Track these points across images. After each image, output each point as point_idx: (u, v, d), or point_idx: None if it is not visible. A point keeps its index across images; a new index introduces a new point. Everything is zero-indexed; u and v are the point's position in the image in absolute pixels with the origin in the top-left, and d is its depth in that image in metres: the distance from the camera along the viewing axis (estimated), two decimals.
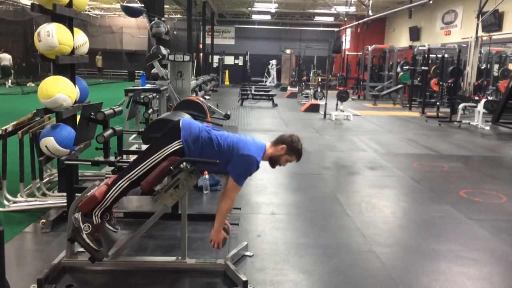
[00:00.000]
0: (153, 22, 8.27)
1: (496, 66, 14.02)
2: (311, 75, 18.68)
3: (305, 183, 5.34)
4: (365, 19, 19.10)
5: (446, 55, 13.88)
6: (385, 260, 3.27)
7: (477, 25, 12.02)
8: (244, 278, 2.75)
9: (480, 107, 10.54)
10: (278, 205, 4.47)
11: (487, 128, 10.24)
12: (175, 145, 2.78)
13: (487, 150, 7.86)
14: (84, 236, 2.70)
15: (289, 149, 2.94)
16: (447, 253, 3.43)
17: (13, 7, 18.23)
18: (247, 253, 3.26)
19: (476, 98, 11.32)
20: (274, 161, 2.98)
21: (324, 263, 3.19)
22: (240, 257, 3.19)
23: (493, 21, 13.62)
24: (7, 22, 18.80)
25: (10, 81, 18.24)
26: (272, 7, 22.56)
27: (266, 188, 5.03)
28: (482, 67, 13.23)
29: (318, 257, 3.28)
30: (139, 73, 8.75)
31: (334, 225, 3.97)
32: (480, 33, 12.16)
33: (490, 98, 11.65)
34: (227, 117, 7.11)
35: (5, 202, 4.08)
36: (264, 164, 2.98)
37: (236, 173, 2.82)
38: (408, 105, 14.70)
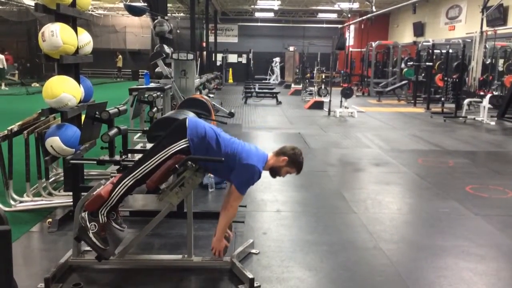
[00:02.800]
0: (156, 21, 8.27)
1: (501, 61, 13.92)
2: (314, 72, 18.60)
3: (310, 180, 5.33)
4: (368, 15, 19.06)
5: (450, 51, 13.80)
6: (391, 256, 3.26)
7: (482, 19, 11.94)
8: (250, 276, 2.75)
9: (486, 102, 10.48)
10: (283, 203, 4.46)
11: (493, 123, 10.18)
12: (180, 144, 2.77)
13: (493, 145, 7.82)
14: (91, 235, 2.71)
15: (290, 162, 2.93)
16: (453, 249, 3.42)
17: (17, 7, 18.26)
18: (253, 251, 3.26)
19: (481, 93, 11.26)
20: (274, 172, 2.98)
21: (330, 260, 3.19)
22: (246, 255, 3.19)
23: (498, 16, 13.52)
24: (11, 23, 18.84)
25: (3, 84, 17.56)
26: (275, 4, 22.53)
27: (271, 185, 5.02)
28: (487, 62, 13.15)
29: (324, 254, 3.28)
30: (143, 72, 8.76)
31: (339, 222, 3.97)
32: (484, 28, 12.07)
33: (495, 93, 11.58)
34: (231, 115, 7.11)
35: (12, 202, 4.10)
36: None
37: (239, 182, 2.83)
38: (412, 101, 14.63)
